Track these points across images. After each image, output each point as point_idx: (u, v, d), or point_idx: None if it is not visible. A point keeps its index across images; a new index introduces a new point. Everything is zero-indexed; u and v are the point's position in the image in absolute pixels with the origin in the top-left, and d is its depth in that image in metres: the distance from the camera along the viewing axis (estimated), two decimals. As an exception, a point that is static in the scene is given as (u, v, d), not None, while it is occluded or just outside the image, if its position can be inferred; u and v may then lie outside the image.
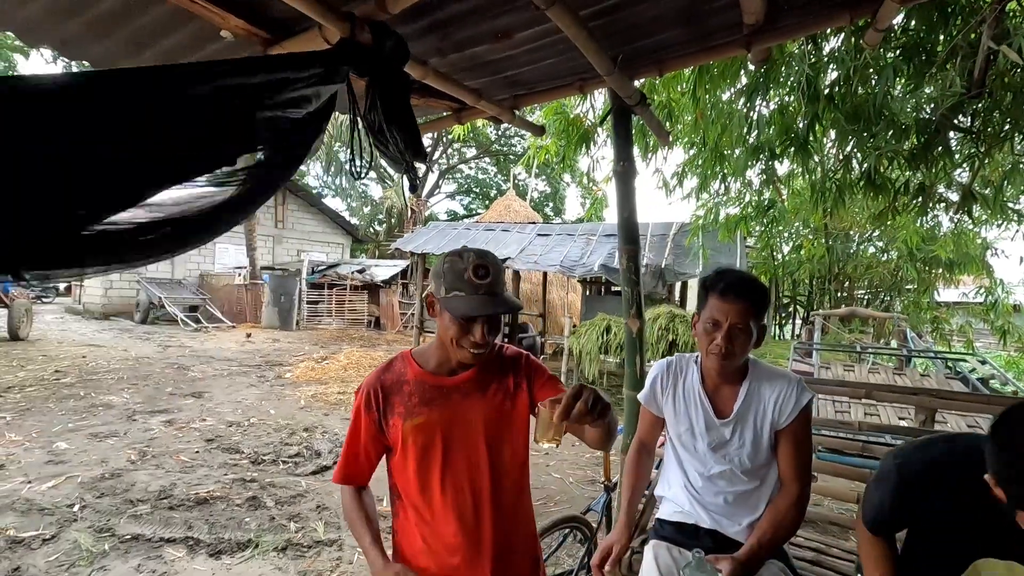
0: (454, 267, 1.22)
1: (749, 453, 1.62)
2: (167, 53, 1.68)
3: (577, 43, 1.66)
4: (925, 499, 1.18)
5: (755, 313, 1.51)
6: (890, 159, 2.85)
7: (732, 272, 1.60)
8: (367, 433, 1.31)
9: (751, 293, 1.51)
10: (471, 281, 1.20)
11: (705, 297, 1.58)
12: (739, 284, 1.53)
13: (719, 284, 1.54)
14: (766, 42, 1.94)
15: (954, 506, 1.12)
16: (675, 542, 1.70)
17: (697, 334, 1.61)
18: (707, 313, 1.55)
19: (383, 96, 1.50)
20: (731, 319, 1.49)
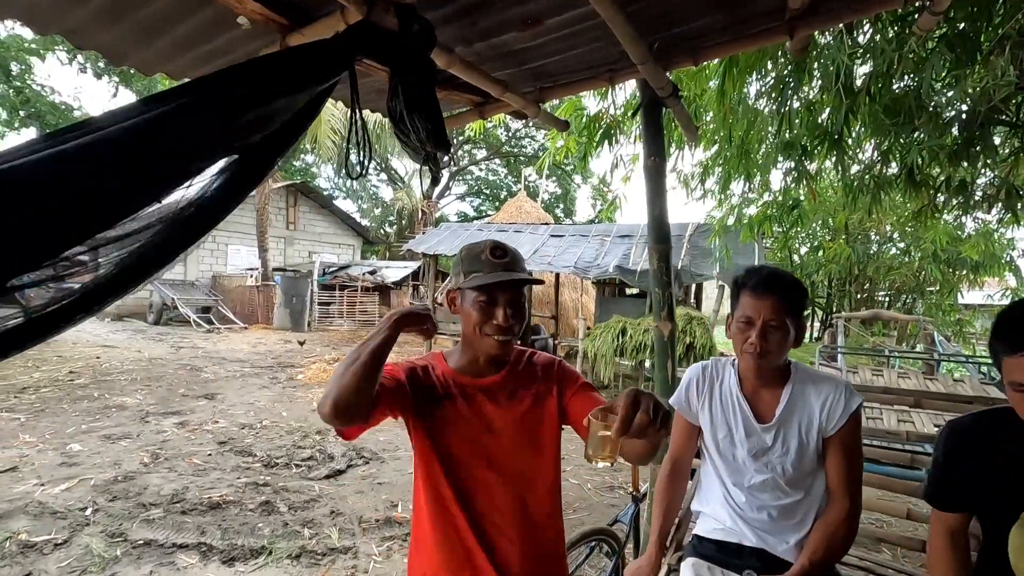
0: (471, 252, 1.21)
1: (793, 461, 1.51)
2: (181, 40, 1.60)
3: (613, 28, 1.56)
4: (974, 450, 1.21)
5: (790, 309, 1.43)
6: (932, 155, 2.71)
7: (765, 268, 1.52)
8: (399, 378, 1.20)
9: (785, 288, 1.44)
10: (489, 260, 1.18)
11: (738, 295, 1.50)
12: (772, 279, 1.45)
13: (751, 280, 1.46)
14: (811, 28, 1.83)
15: (1002, 458, 1.15)
16: (716, 561, 1.60)
17: (731, 334, 1.53)
18: (740, 311, 1.47)
19: (405, 84, 1.40)
20: (764, 315, 1.41)
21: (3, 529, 3.24)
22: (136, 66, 1.76)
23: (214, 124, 0.99)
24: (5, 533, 3.18)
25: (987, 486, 1.18)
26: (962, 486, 1.23)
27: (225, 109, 1.00)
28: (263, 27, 1.49)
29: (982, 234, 6.70)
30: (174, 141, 0.92)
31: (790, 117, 2.98)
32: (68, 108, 16.84)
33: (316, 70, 1.15)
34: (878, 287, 9.30)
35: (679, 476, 1.73)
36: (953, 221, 7.23)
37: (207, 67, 1.81)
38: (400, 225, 24.68)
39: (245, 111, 1.03)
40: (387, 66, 1.43)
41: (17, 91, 15.43)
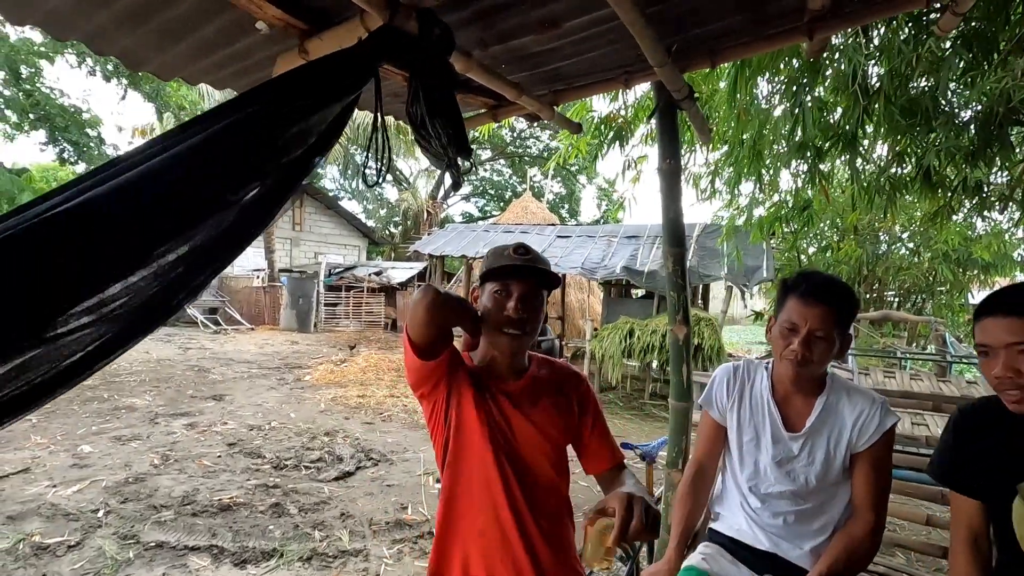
0: (495, 250, 1.27)
1: (818, 473, 1.49)
2: (199, 45, 1.59)
3: (632, 30, 1.55)
4: (981, 432, 1.27)
5: (839, 320, 1.39)
6: (949, 156, 2.69)
7: (817, 274, 1.48)
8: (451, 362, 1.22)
9: (837, 298, 1.39)
10: (510, 256, 1.23)
11: (784, 298, 1.46)
12: (824, 287, 1.40)
13: (802, 285, 1.42)
14: (831, 29, 1.81)
15: (1005, 440, 1.21)
16: (728, 550, 1.60)
17: (772, 337, 1.49)
18: (785, 315, 1.43)
19: (426, 88, 1.40)
20: (811, 324, 1.37)
21: (17, 531, 3.25)
22: (154, 71, 1.76)
23: (261, 145, 1.00)
24: (19, 535, 3.20)
25: (991, 467, 1.23)
26: (970, 468, 1.28)
27: (271, 127, 1.01)
28: (282, 32, 1.49)
29: (993, 234, 6.64)
30: (219, 166, 0.93)
31: (804, 117, 2.96)
32: (77, 111, 16.96)
33: (347, 78, 1.15)
34: (888, 288, 9.23)
35: (704, 481, 1.69)
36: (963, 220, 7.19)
37: (224, 71, 1.81)
38: (405, 226, 24.70)
39: (289, 127, 1.03)
40: (407, 70, 1.43)
41: (27, 94, 15.56)
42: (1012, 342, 1.09)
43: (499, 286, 1.22)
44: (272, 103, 1.06)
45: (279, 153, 1.07)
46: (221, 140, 0.96)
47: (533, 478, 1.24)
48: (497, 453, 1.21)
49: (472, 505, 1.22)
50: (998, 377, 1.13)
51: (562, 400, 1.31)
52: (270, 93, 1.07)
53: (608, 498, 1.05)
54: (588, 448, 1.36)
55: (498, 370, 1.27)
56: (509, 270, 1.22)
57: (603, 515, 1.01)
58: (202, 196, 0.95)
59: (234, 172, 1.00)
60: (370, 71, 1.25)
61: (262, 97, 1.06)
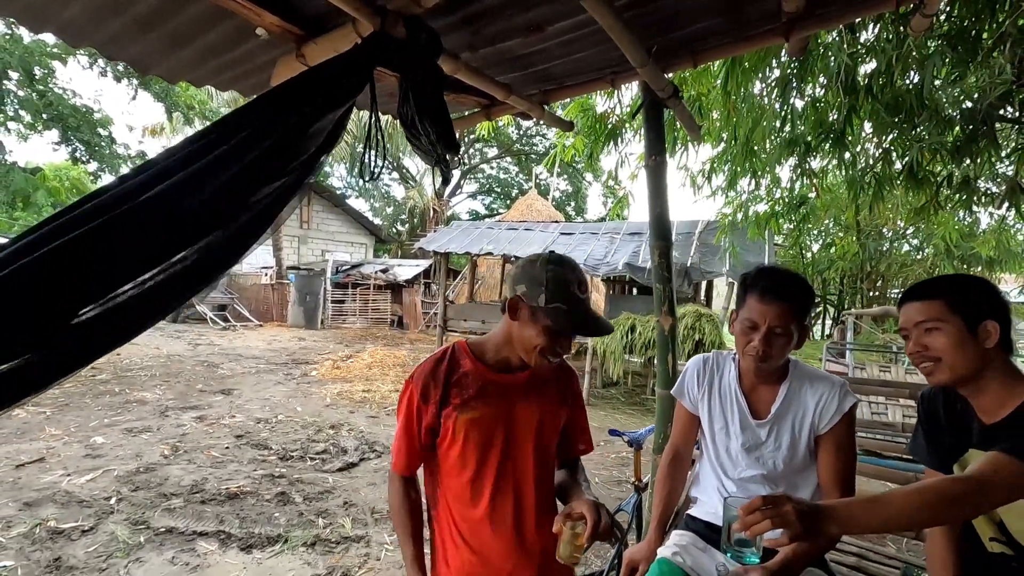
0: (559, 278, 1.19)
1: (784, 457, 1.56)
2: (203, 50, 1.69)
3: (612, 34, 1.63)
4: (934, 412, 1.40)
5: (796, 315, 1.44)
6: (933, 152, 2.74)
7: (774, 271, 1.53)
8: (424, 422, 1.28)
9: (793, 295, 1.44)
10: (574, 295, 1.19)
11: (744, 296, 1.51)
12: (780, 285, 1.45)
13: (759, 284, 1.47)
14: (806, 31, 1.88)
15: (958, 412, 1.34)
16: (703, 537, 1.66)
17: (734, 333, 1.56)
18: (745, 313, 1.48)
19: (415, 89, 1.49)
20: (770, 321, 1.42)
21: (33, 516, 3.39)
22: (161, 75, 1.86)
23: (277, 150, 1.09)
24: (35, 520, 3.33)
25: (941, 442, 1.37)
26: (931, 445, 1.41)
27: (284, 133, 1.10)
28: (280, 38, 1.58)
29: (995, 230, 6.62)
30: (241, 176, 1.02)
31: (793, 114, 3.02)
32: (89, 111, 17.19)
33: (347, 81, 1.24)
34: (890, 284, 9.22)
35: (679, 465, 1.77)
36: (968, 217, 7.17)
37: (227, 74, 1.91)
38: (412, 223, 24.85)
39: (301, 131, 1.13)
40: (398, 72, 1.52)
41: (40, 94, 15.79)
42: (918, 321, 1.27)
43: (556, 328, 1.20)
44: (283, 110, 1.15)
45: (293, 156, 1.17)
46: (240, 149, 1.06)
47: (531, 464, 1.32)
48: (496, 441, 1.28)
49: (472, 491, 1.29)
50: (911, 354, 1.30)
51: (558, 391, 1.39)
52: (280, 100, 1.17)
53: (575, 504, 1.19)
54: (568, 435, 1.45)
55: (507, 364, 1.32)
56: (576, 330, 1.23)
57: (570, 519, 1.16)
58: (225, 204, 1.06)
59: (253, 178, 1.10)
60: (367, 75, 1.34)
61: (273, 104, 1.16)
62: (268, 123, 1.11)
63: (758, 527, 0.97)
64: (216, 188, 1.02)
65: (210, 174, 1.01)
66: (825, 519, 0.97)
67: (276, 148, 1.12)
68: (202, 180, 1.00)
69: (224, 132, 1.05)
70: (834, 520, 0.98)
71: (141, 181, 0.93)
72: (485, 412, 1.26)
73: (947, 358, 1.23)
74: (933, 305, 1.26)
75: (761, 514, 0.97)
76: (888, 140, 2.96)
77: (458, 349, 1.34)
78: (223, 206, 1.05)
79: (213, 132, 1.05)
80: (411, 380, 1.30)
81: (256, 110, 1.13)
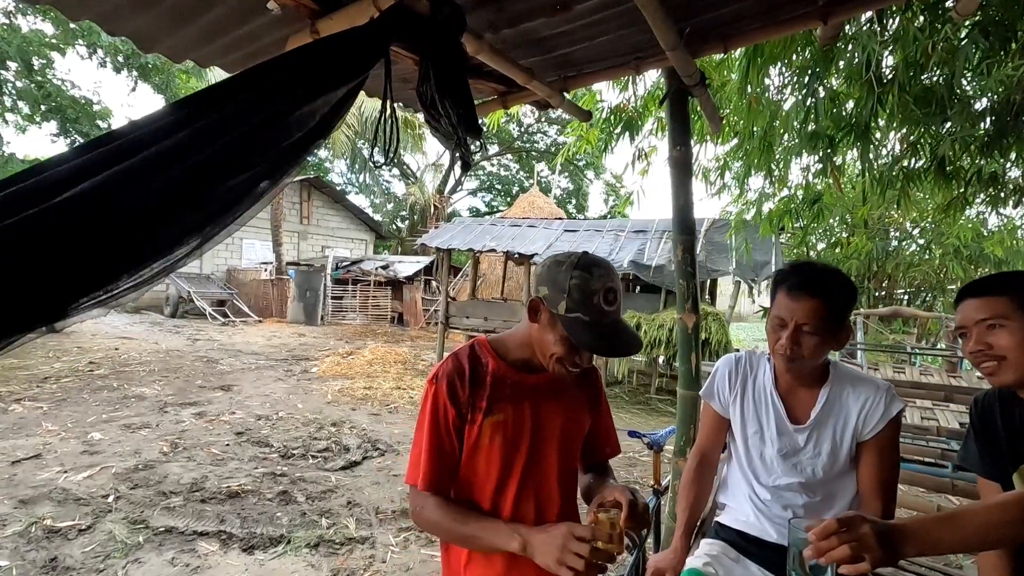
0: (584, 285, 1.07)
1: (824, 464, 1.48)
2: (210, 26, 1.59)
3: (645, 13, 1.53)
4: (990, 418, 1.33)
5: (829, 313, 1.35)
6: (964, 146, 2.65)
7: (806, 266, 1.44)
8: (452, 428, 1.17)
9: (824, 291, 1.35)
10: (599, 307, 1.08)
11: (774, 291, 1.44)
12: (811, 280, 1.37)
13: (789, 279, 1.39)
14: (846, 13, 1.79)
15: (1016, 419, 1.27)
16: (734, 546, 1.58)
17: (767, 332, 1.48)
18: (775, 310, 1.41)
19: (436, 67, 1.39)
20: (797, 318, 1.35)
21: (29, 514, 3.30)
22: (165, 53, 1.76)
23: (268, 126, 0.98)
24: (31, 518, 3.24)
25: (999, 450, 1.30)
26: (985, 453, 1.33)
27: (279, 106, 0.99)
28: (293, 12, 1.48)
29: (1007, 230, 6.56)
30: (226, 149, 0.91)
31: (816, 108, 2.92)
32: (88, 102, 17.03)
33: (356, 57, 1.13)
34: (898, 284, 9.15)
35: (707, 469, 1.69)
36: (976, 216, 7.10)
37: (236, 53, 1.81)
38: (412, 220, 24.75)
39: (296, 108, 1.02)
40: (417, 52, 1.42)
41: (39, 86, 15.64)
42: (980, 319, 1.21)
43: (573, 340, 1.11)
44: (282, 80, 1.05)
45: (282, 135, 1.06)
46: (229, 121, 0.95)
47: (555, 469, 1.24)
48: (521, 445, 1.19)
49: (494, 497, 1.20)
50: (972, 353, 1.24)
51: (582, 392, 1.30)
52: (279, 70, 1.06)
53: (606, 492, 1.12)
54: (594, 439, 1.36)
55: (530, 364, 1.23)
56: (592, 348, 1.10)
57: (603, 507, 1.07)
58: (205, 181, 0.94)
59: (237, 155, 0.98)
60: (381, 51, 1.25)
61: (271, 74, 1.05)
62: (263, 95, 1.00)
63: (835, 554, 0.88)
64: (187, 169, 0.89)
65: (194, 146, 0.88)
66: (903, 539, 0.89)
67: (267, 123, 1.00)
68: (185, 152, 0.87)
69: (206, 105, 0.94)
70: (911, 541, 0.89)
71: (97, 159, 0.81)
72: (510, 415, 1.17)
73: (1013, 357, 1.17)
74: (997, 302, 1.19)
75: (838, 539, 0.88)
76: (916, 134, 2.86)
77: (479, 347, 1.24)
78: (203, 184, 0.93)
79: (204, 100, 0.94)
80: (434, 380, 1.18)
81: (252, 78, 1.01)
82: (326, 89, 1.12)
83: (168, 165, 0.86)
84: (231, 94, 0.99)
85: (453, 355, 1.23)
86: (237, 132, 0.97)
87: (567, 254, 1.13)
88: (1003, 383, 1.22)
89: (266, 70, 1.05)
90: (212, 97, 0.96)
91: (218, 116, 0.95)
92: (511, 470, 1.19)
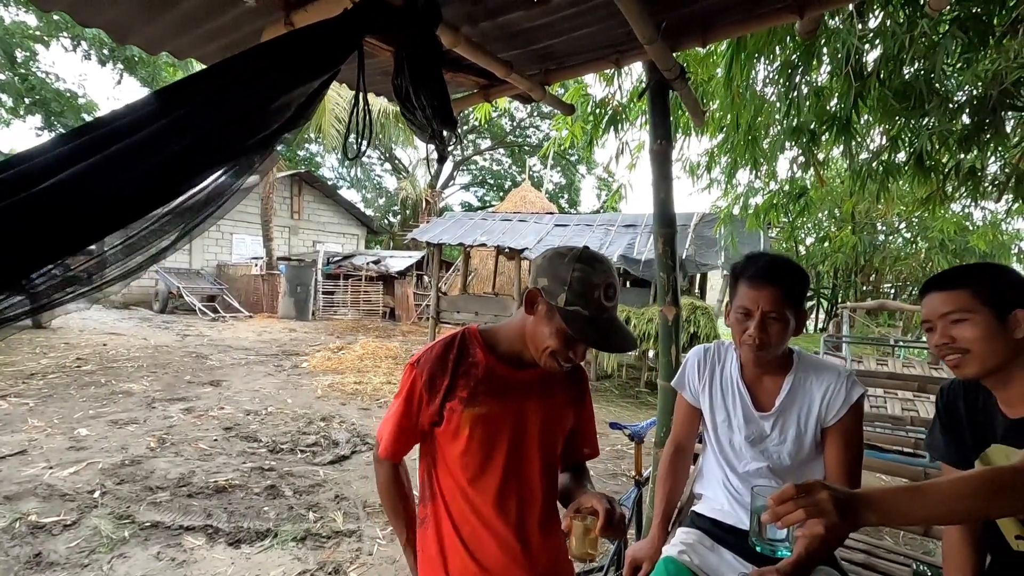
0: (584, 279, 1.08)
1: (790, 450, 1.51)
2: (186, 17, 1.58)
3: (621, 6, 1.54)
4: (954, 406, 1.35)
5: (790, 299, 1.39)
6: (941, 140, 2.68)
7: (763, 256, 1.48)
8: (424, 413, 1.19)
9: (785, 277, 1.39)
10: (598, 302, 1.09)
11: (735, 284, 1.47)
12: (771, 268, 1.41)
13: (749, 269, 1.43)
14: (821, 7, 1.80)
15: (979, 407, 1.30)
16: (710, 534, 1.61)
17: (730, 324, 1.50)
18: (738, 301, 1.44)
19: (411, 60, 1.39)
20: (763, 307, 1.38)
21: (13, 510, 3.28)
22: (140, 44, 1.74)
23: (246, 118, 0.98)
24: (15, 514, 3.23)
25: (962, 438, 1.32)
26: (950, 440, 1.36)
27: (254, 98, 0.99)
28: (268, 4, 1.48)
29: (990, 224, 6.64)
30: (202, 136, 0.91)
31: (798, 102, 2.94)
32: (73, 95, 16.81)
33: (330, 50, 1.14)
34: (884, 278, 9.25)
35: (682, 459, 1.72)
36: (961, 211, 7.18)
37: (211, 45, 1.80)
38: (404, 215, 24.68)
39: (272, 99, 1.02)
40: (392, 44, 1.42)
41: (22, 78, 15.41)
42: (944, 312, 1.22)
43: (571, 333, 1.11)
44: (256, 72, 1.05)
45: (260, 124, 1.06)
46: (207, 111, 0.95)
47: (537, 466, 1.24)
48: (502, 440, 1.19)
49: (475, 492, 1.20)
50: (937, 346, 1.25)
51: (568, 390, 1.31)
52: (255, 61, 1.06)
53: (583, 499, 1.12)
54: (574, 437, 1.36)
55: (519, 359, 1.23)
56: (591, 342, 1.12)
57: (580, 514, 1.09)
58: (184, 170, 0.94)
59: (216, 144, 0.98)
60: (354, 43, 1.25)
61: (247, 65, 1.05)
62: (239, 88, 1.00)
63: (791, 517, 0.89)
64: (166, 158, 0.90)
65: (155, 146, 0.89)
66: (864, 507, 0.90)
67: (235, 120, 1.00)
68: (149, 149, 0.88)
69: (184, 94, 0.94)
70: (873, 509, 0.90)
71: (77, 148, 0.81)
72: (493, 408, 1.17)
73: (976, 350, 1.18)
74: (960, 295, 1.20)
75: (794, 503, 0.89)
76: (896, 128, 2.89)
77: (468, 336, 1.24)
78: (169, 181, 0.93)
79: (177, 91, 0.94)
80: (415, 365, 1.19)
81: (227, 70, 1.01)
82: (302, 80, 1.12)
83: (147, 154, 0.87)
84: (210, 84, 1.00)
85: (441, 342, 1.22)
86: (215, 121, 0.97)
87: (568, 247, 1.14)
88: (967, 376, 1.23)
89: (243, 61, 1.06)
90: (190, 87, 0.97)
91: (195, 106, 0.95)
92: (491, 464, 1.19)
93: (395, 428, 1.22)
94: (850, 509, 0.89)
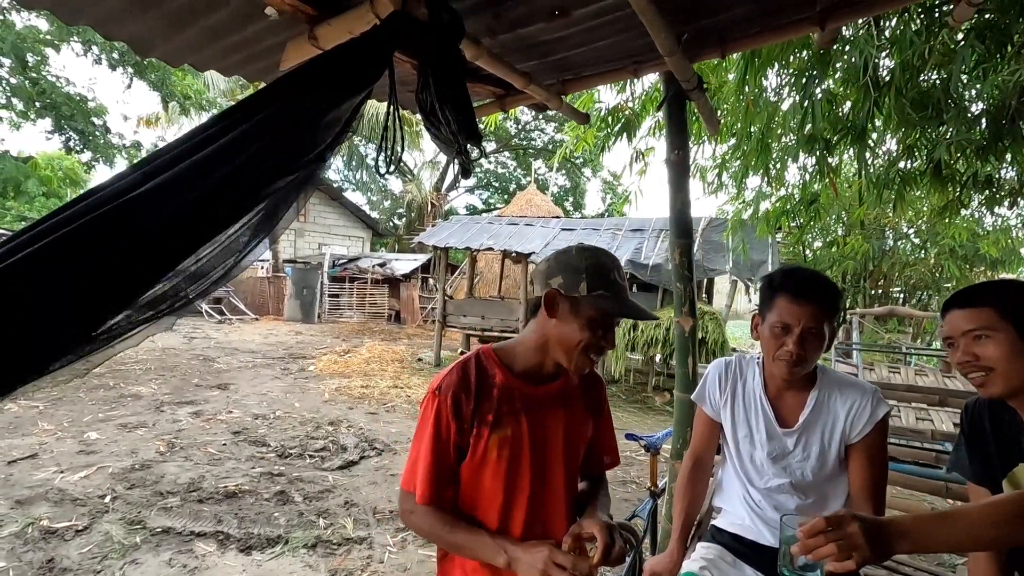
0: (598, 264, 1.14)
1: (813, 467, 1.50)
2: (208, 31, 1.59)
3: (643, 18, 1.54)
4: (980, 424, 1.34)
5: (829, 315, 1.38)
6: (959, 149, 2.66)
7: (802, 270, 1.46)
8: (454, 443, 1.15)
9: (826, 294, 1.38)
10: (617, 281, 1.14)
11: (771, 297, 1.43)
12: (812, 283, 1.39)
13: (790, 284, 1.40)
14: (843, 20, 1.79)
15: (1005, 425, 1.28)
16: (730, 550, 1.59)
17: (762, 337, 1.48)
18: (775, 316, 1.40)
19: (436, 74, 1.39)
20: (804, 323, 1.35)
21: (25, 515, 3.29)
22: (162, 57, 1.75)
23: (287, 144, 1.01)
24: (27, 519, 3.24)
25: (988, 456, 1.31)
26: (976, 458, 1.35)
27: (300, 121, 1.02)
28: (291, 18, 1.48)
29: (1001, 230, 6.60)
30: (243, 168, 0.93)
31: (813, 109, 2.93)
32: (83, 99, 16.94)
33: (365, 66, 1.15)
34: (893, 283, 9.19)
35: (701, 472, 1.71)
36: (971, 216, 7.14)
37: (233, 57, 1.80)
38: (409, 217, 24.71)
39: (319, 120, 1.04)
40: (416, 58, 1.42)
41: (33, 82, 15.55)
42: (967, 330, 1.22)
43: (601, 317, 1.13)
44: (296, 98, 1.06)
45: (306, 149, 1.08)
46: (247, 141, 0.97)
47: (562, 484, 1.23)
48: (527, 461, 1.17)
49: (501, 517, 1.18)
50: (960, 363, 1.25)
51: (587, 400, 1.30)
52: (296, 85, 1.08)
53: (586, 524, 1.10)
54: (595, 445, 1.35)
55: (540, 375, 1.22)
56: (624, 313, 1.15)
57: (580, 539, 1.08)
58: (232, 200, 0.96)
59: (262, 173, 1.00)
60: (385, 60, 1.25)
61: (290, 90, 1.06)
62: (280, 113, 1.02)
63: (822, 552, 0.89)
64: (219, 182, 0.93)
65: (214, 167, 0.92)
66: (895, 537, 0.89)
67: (287, 140, 1.04)
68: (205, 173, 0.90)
69: (231, 123, 0.96)
70: (904, 538, 0.89)
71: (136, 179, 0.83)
72: (517, 430, 1.16)
73: (1001, 368, 1.17)
74: (982, 313, 1.20)
75: (825, 537, 0.88)
76: (912, 137, 2.87)
77: (484, 357, 1.22)
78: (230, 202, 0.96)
79: (218, 123, 0.96)
80: (437, 392, 1.15)
81: (267, 98, 1.03)
82: (345, 97, 1.14)
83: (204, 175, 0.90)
84: (258, 108, 1.02)
85: (458, 366, 1.20)
86: (268, 141, 1.00)
87: (567, 247, 1.20)
88: (992, 395, 1.22)
89: (294, 80, 1.09)
90: (238, 113, 1.00)
91: (254, 124, 0.98)
92: (518, 484, 1.17)
93: (429, 463, 1.13)
94: (880, 540, 0.88)
